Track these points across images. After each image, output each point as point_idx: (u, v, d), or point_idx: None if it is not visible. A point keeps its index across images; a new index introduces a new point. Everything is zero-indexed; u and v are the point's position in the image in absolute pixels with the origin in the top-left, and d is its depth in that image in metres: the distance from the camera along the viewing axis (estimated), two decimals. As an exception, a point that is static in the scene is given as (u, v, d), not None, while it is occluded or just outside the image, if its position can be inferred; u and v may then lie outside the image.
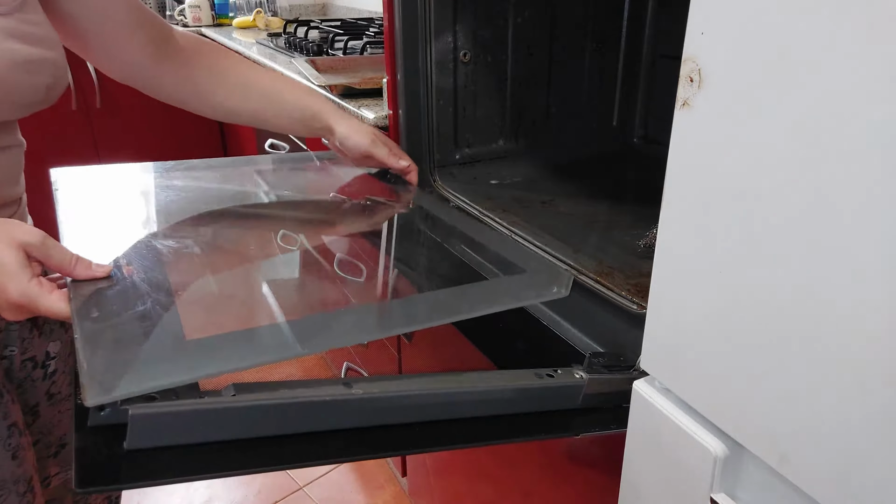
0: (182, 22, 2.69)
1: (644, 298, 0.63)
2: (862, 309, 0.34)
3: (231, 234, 0.78)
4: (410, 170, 0.91)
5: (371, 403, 0.52)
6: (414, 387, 0.53)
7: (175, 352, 0.48)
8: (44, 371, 0.78)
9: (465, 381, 0.56)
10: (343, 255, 0.74)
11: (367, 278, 0.69)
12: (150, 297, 0.55)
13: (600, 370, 0.61)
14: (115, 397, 0.43)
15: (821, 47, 0.34)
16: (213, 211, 0.81)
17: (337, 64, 1.63)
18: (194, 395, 0.46)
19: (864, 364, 0.34)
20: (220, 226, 0.79)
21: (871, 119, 0.32)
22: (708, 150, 0.42)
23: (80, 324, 0.50)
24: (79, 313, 0.51)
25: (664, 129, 0.75)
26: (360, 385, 0.51)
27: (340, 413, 0.51)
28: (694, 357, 0.46)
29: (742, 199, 0.40)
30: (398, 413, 0.54)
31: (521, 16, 1.00)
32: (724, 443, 0.46)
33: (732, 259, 0.41)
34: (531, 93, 1.07)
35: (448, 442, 0.54)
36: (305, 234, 0.80)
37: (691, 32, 0.41)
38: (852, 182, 0.33)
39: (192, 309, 0.56)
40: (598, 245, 0.80)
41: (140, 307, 0.53)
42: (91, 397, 0.43)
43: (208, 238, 0.74)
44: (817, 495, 0.39)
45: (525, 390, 0.58)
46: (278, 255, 0.72)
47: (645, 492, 0.55)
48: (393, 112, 1.01)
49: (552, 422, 0.59)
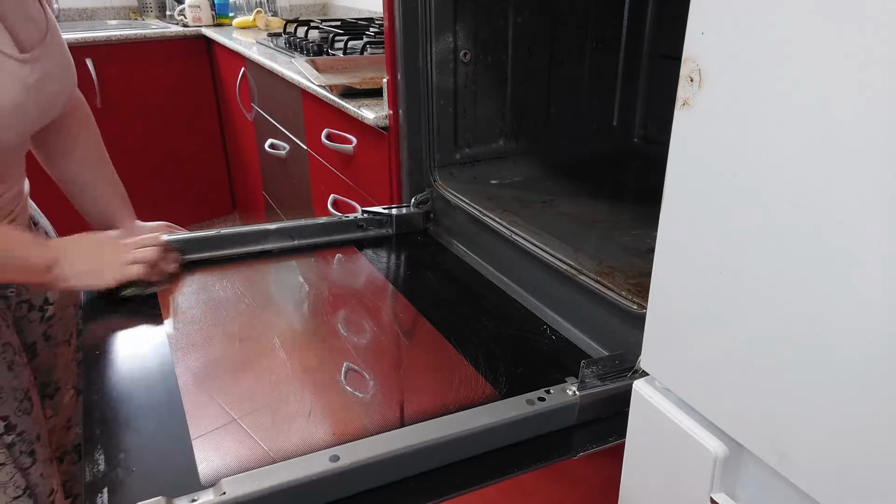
0: (182, 22, 2.69)
1: (644, 298, 0.63)
2: (862, 308, 0.34)
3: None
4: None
5: (360, 473, 0.52)
6: (403, 443, 0.53)
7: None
8: (41, 314, 0.90)
9: (455, 425, 0.55)
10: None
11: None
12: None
13: (594, 382, 0.61)
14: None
15: (821, 47, 0.34)
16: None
17: (337, 64, 1.63)
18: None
19: (864, 364, 0.34)
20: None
21: (871, 119, 0.32)
22: (708, 150, 0.42)
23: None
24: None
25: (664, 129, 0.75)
26: (347, 453, 0.51)
27: (332, 487, 0.51)
28: (694, 357, 0.46)
29: (742, 199, 0.40)
30: (389, 473, 0.54)
31: (521, 16, 1.00)
32: (724, 443, 0.46)
33: (732, 259, 0.41)
34: (531, 93, 1.07)
35: (447, 491, 0.54)
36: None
37: (691, 32, 0.41)
38: (852, 182, 0.33)
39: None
40: (598, 245, 0.80)
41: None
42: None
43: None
44: (817, 495, 0.39)
45: (518, 422, 0.58)
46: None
47: (645, 492, 0.55)
48: (393, 112, 1.01)
49: (551, 443, 0.59)
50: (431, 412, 0.62)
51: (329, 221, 1.00)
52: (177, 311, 0.79)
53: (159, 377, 0.67)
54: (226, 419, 0.61)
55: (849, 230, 0.34)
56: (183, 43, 2.55)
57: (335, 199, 1.56)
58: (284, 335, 0.75)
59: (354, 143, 1.38)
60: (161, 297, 0.82)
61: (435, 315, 0.80)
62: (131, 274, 0.80)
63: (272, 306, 0.81)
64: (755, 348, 0.41)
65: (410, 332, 0.78)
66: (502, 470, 0.56)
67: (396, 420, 0.62)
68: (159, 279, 0.85)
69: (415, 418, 0.61)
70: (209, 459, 0.56)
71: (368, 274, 0.92)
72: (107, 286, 0.80)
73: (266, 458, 0.56)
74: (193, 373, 0.67)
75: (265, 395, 0.64)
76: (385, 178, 1.23)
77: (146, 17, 3.07)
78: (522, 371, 0.69)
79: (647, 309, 0.50)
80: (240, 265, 0.92)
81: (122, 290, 0.81)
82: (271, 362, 0.70)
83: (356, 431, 0.60)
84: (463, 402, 0.64)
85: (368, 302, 0.83)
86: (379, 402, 0.64)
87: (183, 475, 0.54)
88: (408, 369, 0.70)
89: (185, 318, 0.78)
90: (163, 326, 0.76)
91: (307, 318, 0.80)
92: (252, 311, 0.80)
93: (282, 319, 0.79)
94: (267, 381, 0.67)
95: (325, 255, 0.96)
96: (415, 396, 0.65)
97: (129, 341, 0.73)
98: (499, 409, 0.58)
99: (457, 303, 0.84)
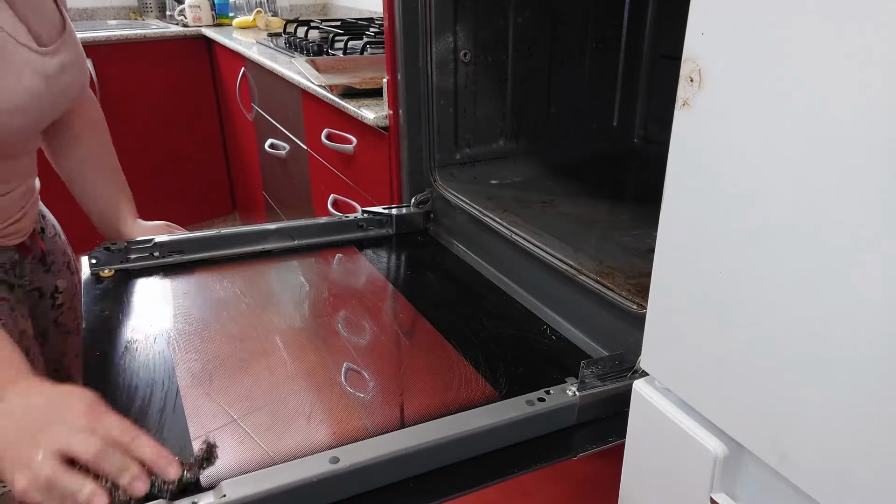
0: (182, 22, 2.69)
1: (644, 298, 0.63)
2: (862, 308, 0.34)
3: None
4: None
5: (360, 474, 0.52)
6: (403, 444, 0.53)
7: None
8: (52, 301, 0.92)
9: (456, 426, 0.55)
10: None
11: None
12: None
13: (594, 382, 0.61)
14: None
15: (821, 47, 0.34)
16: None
17: (337, 64, 1.63)
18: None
19: (864, 364, 0.34)
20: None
21: (871, 119, 0.32)
22: (708, 150, 0.42)
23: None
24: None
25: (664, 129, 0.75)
26: (347, 455, 0.51)
27: (332, 489, 0.51)
28: (694, 357, 0.46)
29: (742, 199, 0.40)
30: (389, 474, 0.54)
31: (522, 16, 1.00)
32: (724, 443, 0.46)
33: (732, 259, 0.41)
34: (531, 93, 1.07)
35: (447, 492, 0.54)
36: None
37: (691, 32, 0.41)
38: (852, 182, 0.33)
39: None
40: (598, 245, 0.80)
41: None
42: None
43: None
44: (817, 495, 0.39)
45: (518, 422, 0.58)
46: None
47: (645, 492, 0.55)
48: (393, 112, 1.01)
49: (551, 444, 0.59)
50: (431, 412, 0.62)
51: (329, 221, 1.00)
52: (177, 311, 0.79)
53: (159, 377, 0.67)
54: (226, 419, 0.61)
55: (849, 230, 0.34)
56: (183, 43, 2.55)
57: (335, 199, 1.56)
58: (284, 335, 0.75)
59: (354, 143, 1.38)
60: (161, 297, 0.82)
61: (435, 315, 0.80)
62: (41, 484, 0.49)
63: (272, 306, 0.81)
64: (755, 348, 0.41)
65: (410, 333, 0.78)
66: (502, 470, 0.56)
67: (396, 420, 0.62)
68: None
69: (415, 419, 0.61)
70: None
71: (368, 274, 0.92)
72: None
73: (266, 458, 0.56)
74: (193, 373, 0.67)
75: (265, 395, 0.64)
76: (385, 178, 1.23)
77: (146, 17, 3.07)
78: (522, 371, 0.69)
79: (647, 309, 0.50)
80: (240, 265, 0.92)
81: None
82: (271, 362, 0.70)
83: (356, 432, 0.60)
84: (463, 402, 0.64)
85: (368, 302, 0.83)
86: (379, 402, 0.64)
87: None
88: (408, 369, 0.70)
89: (185, 318, 0.78)
90: (163, 326, 0.76)
91: (307, 319, 0.80)
92: (252, 311, 0.80)
93: (282, 319, 0.79)
94: (267, 381, 0.66)
95: (325, 255, 0.96)
96: (415, 397, 0.65)
97: (128, 341, 0.73)
98: (499, 410, 0.58)
99: (457, 303, 0.84)
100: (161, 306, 0.80)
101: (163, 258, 0.90)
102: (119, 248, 0.88)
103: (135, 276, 0.87)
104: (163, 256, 0.90)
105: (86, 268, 0.87)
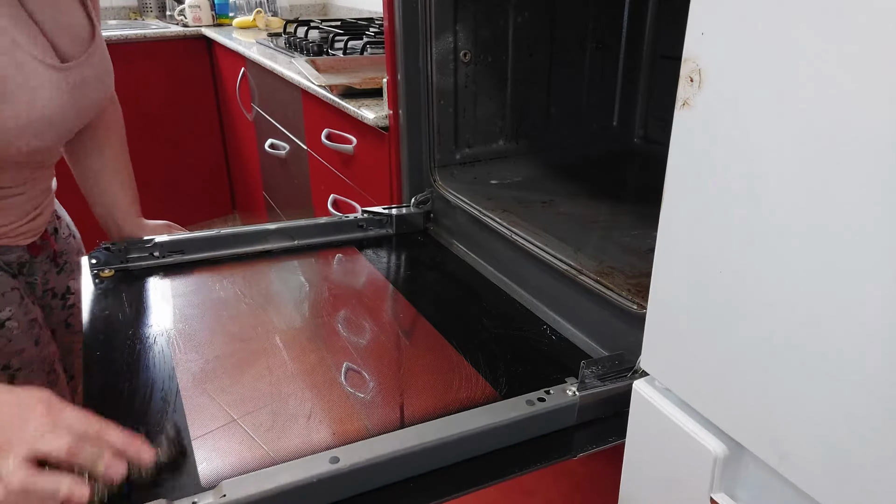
0: (182, 22, 2.69)
1: (644, 298, 0.63)
2: (862, 308, 0.34)
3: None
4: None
5: (360, 474, 0.52)
6: (403, 445, 0.53)
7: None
8: (63, 301, 0.93)
9: (456, 426, 0.55)
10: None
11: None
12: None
13: (594, 382, 0.61)
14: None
15: (821, 47, 0.34)
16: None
17: (337, 64, 1.63)
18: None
19: (864, 363, 0.34)
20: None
21: (871, 119, 0.32)
22: (708, 150, 0.42)
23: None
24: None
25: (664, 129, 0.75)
26: (347, 455, 0.51)
27: (333, 489, 0.51)
28: (694, 357, 0.46)
29: (742, 199, 0.40)
30: (390, 474, 0.54)
31: (521, 16, 1.00)
32: (724, 443, 0.46)
33: (732, 259, 0.41)
34: (531, 93, 1.07)
35: (447, 492, 0.54)
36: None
37: (691, 32, 0.41)
38: (852, 182, 0.33)
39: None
40: (598, 245, 0.80)
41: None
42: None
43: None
44: (817, 495, 0.39)
45: (518, 423, 0.58)
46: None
47: (645, 492, 0.55)
48: (393, 112, 1.01)
49: (551, 444, 0.59)
50: (431, 413, 0.62)
51: (329, 221, 1.00)
52: (177, 310, 0.79)
53: (159, 377, 0.67)
54: (226, 419, 0.61)
55: (849, 230, 0.34)
56: (183, 43, 2.55)
57: (335, 199, 1.56)
58: (284, 335, 0.75)
59: (354, 143, 1.38)
60: (161, 297, 0.82)
61: (435, 315, 0.80)
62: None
63: (272, 306, 0.81)
64: (755, 348, 0.41)
65: (410, 333, 0.78)
66: (502, 470, 0.56)
67: (396, 420, 0.62)
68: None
69: (415, 419, 0.61)
70: (209, 460, 0.56)
71: (368, 274, 0.92)
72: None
73: (266, 458, 0.56)
74: (193, 373, 0.67)
75: (265, 395, 0.64)
76: (385, 178, 1.23)
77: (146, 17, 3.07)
78: (522, 371, 0.69)
79: (647, 309, 0.50)
80: (240, 265, 0.92)
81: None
82: (271, 362, 0.70)
83: (356, 431, 0.60)
84: (463, 402, 0.64)
85: (368, 302, 0.83)
86: (379, 402, 0.64)
87: (183, 476, 0.54)
88: (408, 369, 0.70)
89: (185, 318, 0.78)
90: (163, 326, 0.76)
91: (307, 319, 0.80)
92: (252, 311, 0.80)
93: (282, 319, 0.79)
94: (267, 381, 0.66)
95: (325, 255, 0.96)
96: (415, 397, 0.65)
97: (128, 341, 0.73)
98: (499, 410, 0.58)
99: (457, 303, 0.84)
100: (161, 306, 0.80)
101: (163, 258, 0.90)
102: (119, 248, 0.88)
103: (135, 276, 0.87)
104: (163, 256, 0.90)
105: (86, 268, 0.87)
